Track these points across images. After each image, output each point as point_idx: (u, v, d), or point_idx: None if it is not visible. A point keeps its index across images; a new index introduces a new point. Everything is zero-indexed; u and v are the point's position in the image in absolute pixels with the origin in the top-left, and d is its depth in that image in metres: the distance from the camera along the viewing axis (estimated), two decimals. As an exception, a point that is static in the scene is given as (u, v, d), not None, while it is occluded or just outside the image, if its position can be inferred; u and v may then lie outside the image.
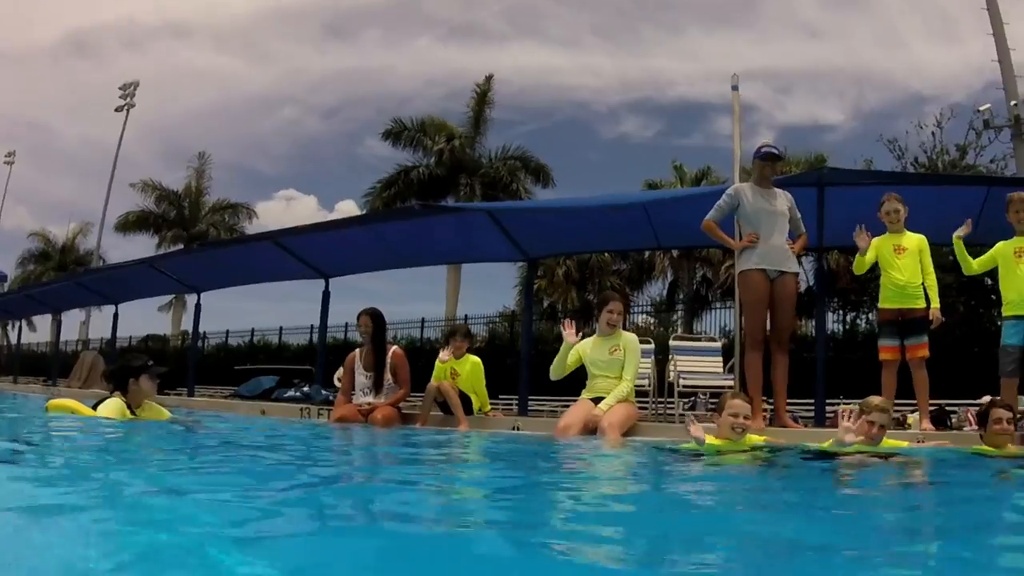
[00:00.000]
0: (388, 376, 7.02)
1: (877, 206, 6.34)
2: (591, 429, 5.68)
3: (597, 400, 5.93)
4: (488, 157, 25.48)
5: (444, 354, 7.22)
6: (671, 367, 9.60)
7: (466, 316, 22.14)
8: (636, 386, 9.46)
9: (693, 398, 13.07)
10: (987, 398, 8.92)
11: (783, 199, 6.36)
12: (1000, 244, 5.93)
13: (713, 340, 10.00)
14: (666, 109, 50.05)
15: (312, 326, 21.20)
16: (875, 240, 6.21)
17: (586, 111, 51.69)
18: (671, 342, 10.21)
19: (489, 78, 26.02)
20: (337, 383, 8.53)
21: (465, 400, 6.95)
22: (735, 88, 7.81)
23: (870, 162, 18.38)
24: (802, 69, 45.77)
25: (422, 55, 49.25)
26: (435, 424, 6.90)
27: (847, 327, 16.82)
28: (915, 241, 6.16)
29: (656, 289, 26.23)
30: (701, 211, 6.59)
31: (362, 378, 7.06)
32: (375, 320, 7.16)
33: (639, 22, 50.68)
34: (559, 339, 6.50)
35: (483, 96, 25.69)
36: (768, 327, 6.25)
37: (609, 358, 6.16)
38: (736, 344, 7.12)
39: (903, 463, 4.04)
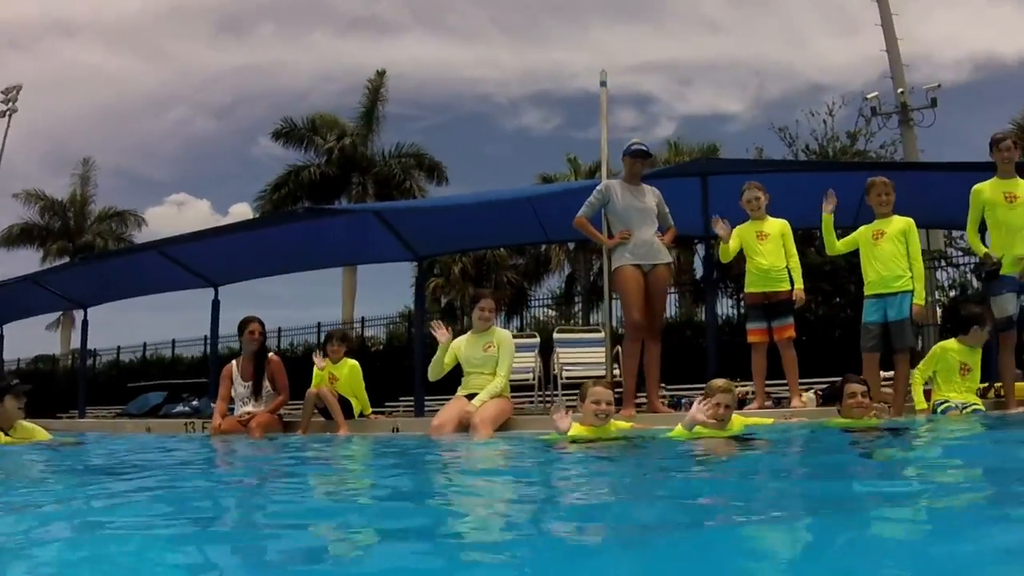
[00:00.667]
0: (267, 384, 7.00)
1: (739, 194, 6.61)
2: (465, 426, 5.73)
3: (472, 396, 5.97)
4: (382, 155, 25.12)
5: (319, 360, 7.18)
6: (555, 360, 9.76)
7: (363, 318, 21.82)
8: (521, 380, 9.73)
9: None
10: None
11: (651, 195, 6.64)
12: (862, 227, 6.24)
13: (597, 331, 10.16)
14: (567, 102, 50.57)
15: (205, 336, 20.54)
16: (737, 228, 6.47)
17: (488, 104, 51.77)
18: (555, 335, 10.34)
19: (381, 73, 25.61)
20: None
21: (346, 404, 6.97)
22: (603, 84, 7.96)
23: (761, 150, 19.04)
24: (704, 61, 47.02)
25: (318, 49, 48.02)
26: (316, 430, 6.88)
27: (742, 312, 17.35)
28: (777, 226, 6.45)
29: (555, 282, 26.52)
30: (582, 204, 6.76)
31: (240, 388, 7.03)
32: (264, 327, 7.18)
33: (541, 14, 50.95)
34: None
35: (375, 92, 25.31)
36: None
37: (483, 355, 6.22)
38: (607, 336, 7.28)
39: (752, 442, 4.23)
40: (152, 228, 33.71)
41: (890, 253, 5.91)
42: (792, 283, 6.30)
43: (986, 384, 6.11)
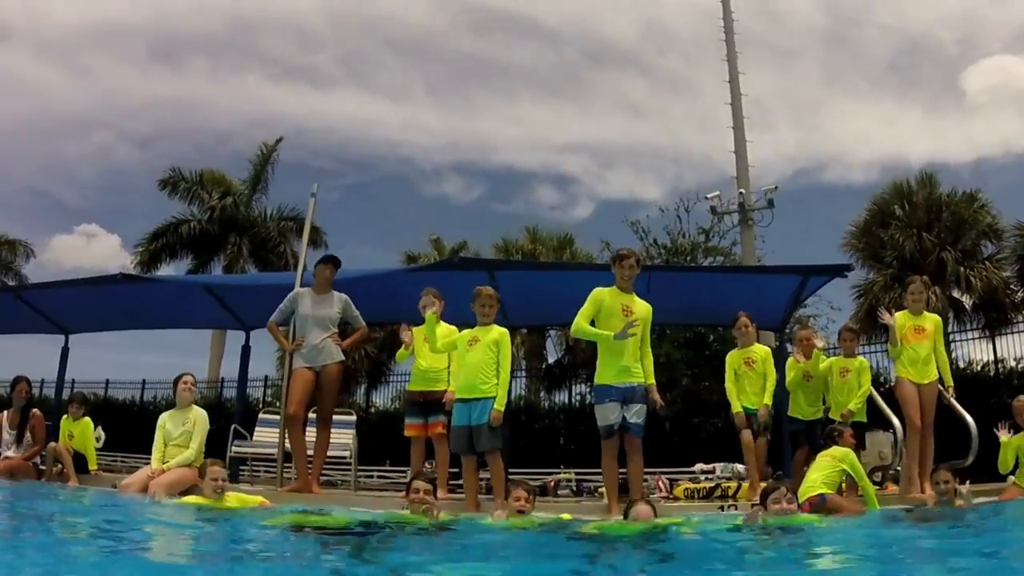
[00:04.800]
0: (28, 435, 8.19)
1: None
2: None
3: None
4: (263, 216, 25.10)
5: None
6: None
7: (222, 379, 21.58)
8: (338, 457, 9.86)
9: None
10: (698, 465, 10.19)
11: (337, 302, 7.43)
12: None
13: (349, 413, 10.47)
14: (490, 173, 51.17)
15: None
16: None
17: (410, 167, 51.85)
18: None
19: (278, 140, 25.75)
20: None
21: (80, 459, 8.28)
22: (313, 196, 8.51)
23: (608, 244, 19.46)
24: (627, 145, 48.44)
25: (249, 92, 47.12)
26: (54, 478, 8.05)
27: (582, 399, 17.93)
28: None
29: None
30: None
31: (7, 435, 8.18)
32: (30, 386, 8.48)
33: (473, 85, 51.84)
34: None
35: (267, 157, 25.39)
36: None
37: (182, 429, 7.12)
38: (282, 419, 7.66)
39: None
40: (53, 257, 32.09)
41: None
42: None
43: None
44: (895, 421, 6.79)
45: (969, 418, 6.71)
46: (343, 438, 10.17)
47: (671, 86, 44.33)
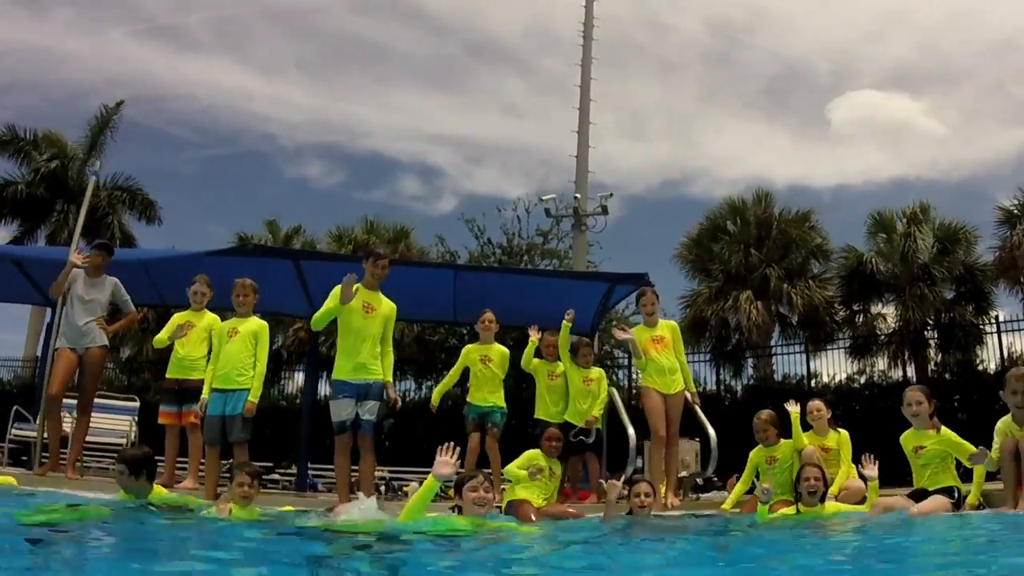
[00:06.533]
0: None
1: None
2: None
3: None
4: (97, 185, 23.60)
5: None
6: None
7: (37, 357, 20.12)
8: (115, 444, 9.36)
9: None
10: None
11: (108, 286, 7.50)
12: None
13: (133, 400, 10.06)
14: (354, 159, 49.93)
15: None
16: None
17: (272, 145, 49.85)
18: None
19: (119, 103, 24.34)
20: None
21: None
22: (95, 174, 8.77)
23: (443, 239, 19.43)
24: (498, 143, 48.36)
25: (112, 48, 44.12)
26: None
27: (403, 396, 17.80)
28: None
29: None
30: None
31: None
32: None
33: (349, 66, 50.33)
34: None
35: (105, 122, 23.90)
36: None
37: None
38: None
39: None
40: None
41: None
42: None
43: None
44: (710, 430, 7.05)
45: (711, 429, 6.97)
46: (121, 425, 9.71)
47: (549, 87, 44.76)
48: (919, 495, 5.28)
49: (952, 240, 18.79)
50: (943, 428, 5.38)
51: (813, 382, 16.89)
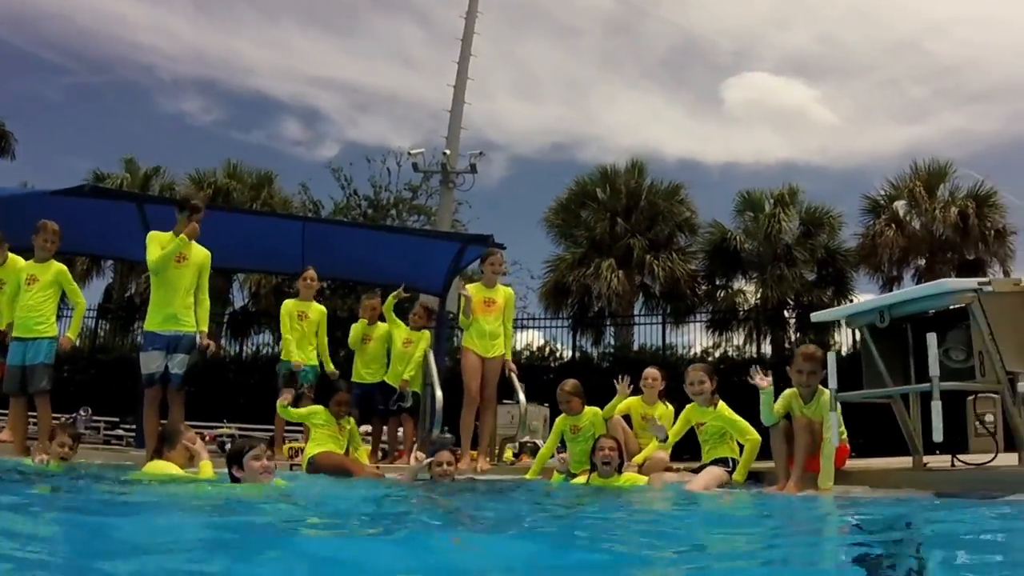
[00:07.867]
0: None
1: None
2: None
3: None
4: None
5: None
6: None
7: None
8: None
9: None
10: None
11: None
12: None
13: None
14: (235, 97, 47.02)
15: None
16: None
17: (149, 76, 46.24)
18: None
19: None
20: None
21: None
22: None
23: (306, 187, 19.27)
24: (387, 92, 46.51)
25: None
26: None
27: (256, 351, 17.47)
28: None
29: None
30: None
31: None
32: None
33: None
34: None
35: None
36: None
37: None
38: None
39: None
40: None
41: None
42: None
43: None
44: (522, 398, 7.20)
45: (523, 396, 7.08)
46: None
47: (448, 40, 43.75)
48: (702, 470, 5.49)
49: (816, 224, 19.72)
50: (720, 404, 5.59)
51: (668, 353, 17.48)
